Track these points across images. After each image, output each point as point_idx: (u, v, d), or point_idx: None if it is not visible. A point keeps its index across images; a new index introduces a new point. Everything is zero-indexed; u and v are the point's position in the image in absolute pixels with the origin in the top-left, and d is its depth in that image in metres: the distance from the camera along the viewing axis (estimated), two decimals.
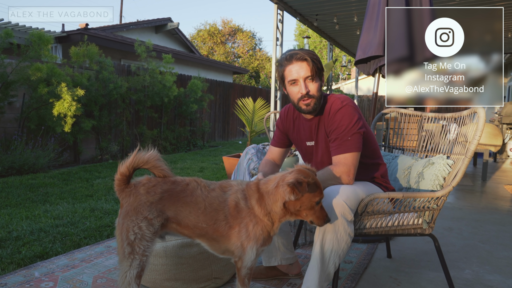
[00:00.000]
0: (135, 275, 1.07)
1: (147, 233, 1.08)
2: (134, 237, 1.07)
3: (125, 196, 1.12)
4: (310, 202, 1.10)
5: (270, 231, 1.16)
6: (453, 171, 1.38)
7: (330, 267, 1.23)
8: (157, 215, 1.09)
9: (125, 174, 1.12)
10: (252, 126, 4.11)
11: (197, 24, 38.62)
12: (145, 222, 1.08)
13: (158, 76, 5.67)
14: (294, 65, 1.30)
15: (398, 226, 1.37)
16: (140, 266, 1.07)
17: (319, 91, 1.33)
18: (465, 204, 3.04)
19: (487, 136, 4.17)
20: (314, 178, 1.11)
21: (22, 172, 3.78)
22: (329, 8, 5.19)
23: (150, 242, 1.09)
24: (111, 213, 2.56)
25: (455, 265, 1.79)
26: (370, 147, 1.40)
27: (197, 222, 1.11)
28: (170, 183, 1.13)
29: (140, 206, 1.09)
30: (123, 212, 1.10)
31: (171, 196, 1.11)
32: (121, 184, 1.12)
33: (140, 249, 1.07)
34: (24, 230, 2.12)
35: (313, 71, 1.30)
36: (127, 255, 1.07)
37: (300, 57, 1.29)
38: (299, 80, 1.31)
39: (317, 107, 1.34)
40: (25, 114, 4.18)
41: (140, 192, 1.11)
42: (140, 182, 1.13)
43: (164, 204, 1.11)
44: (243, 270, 1.14)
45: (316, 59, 1.31)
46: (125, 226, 1.08)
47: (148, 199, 1.10)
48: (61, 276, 1.56)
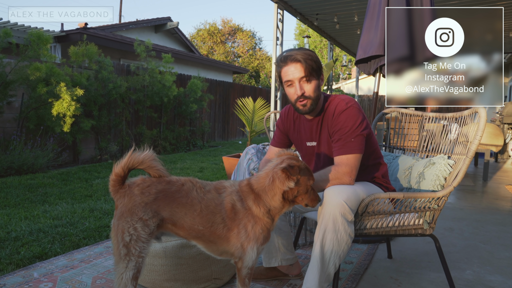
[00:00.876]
0: (131, 277, 1.06)
1: (143, 234, 1.07)
2: (130, 238, 1.06)
3: (119, 197, 1.10)
4: (305, 186, 1.12)
5: (270, 227, 1.16)
6: (454, 171, 1.38)
7: (330, 267, 1.22)
8: (152, 215, 1.08)
9: (120, 175, 1.10)
10: (252, 126, 4.10)
11: (197, 24, 38.67)
12: (140, 223, 1.07)
13: (157, 75, 5.65)
14: (289, 67, 1.31)
15: (398, 227, 1.36)
16: (136, 268, 1.07)
17: (315, 91, 1.32)
18: (466, 205, 3.03)
19: (488, 136, 4.16)
20: (303, 162, 1.15)
21: (21, 172, 3.77)
22: (330, 8, 5.18)
23: (145, 243, 1.08)
24: (111, 213, 2.55)
25: (456, 266, 1.79)
26: (371, 147, 1.40)
27: (193, 224, 1.10)
28: (164, 183, 1.12)
29: (134, 207, 1.08)
30: (118, 214, 1.10)
31: (166, 196, 1.10)
32: (116, 185, 1.11)
33: (136, 250, 1.06)
34: (23, 230, 2.11)
35: (307, 71, 1.29)
36: (123, 257, 1.06)
37: (293, 58, 1.29)
38: (294, 81, 1.31)
39: (314, 108, 1.34)
40: (24, 114, 4.17)
41: (135, 192, 1.09)
42: (134, 183, 1.12)
43: (159, 205, 1.09)
44: (244, 270, 1.14)
45: (311, 59, 1.30)
46: (120, 227, 1.07)
47: (143, 199, 1.08)
48: (60, 276, 1.56)
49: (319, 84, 1.35)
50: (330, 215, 1.19)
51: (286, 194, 1.11)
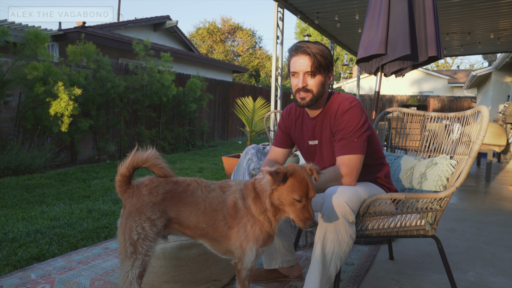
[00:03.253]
0: (137, 275, 1.07)
1: (150, 233, 1.08)
2: (137, 237, 1.08)
3: (127, 197, 1.12)
4: (288, 196, 1.07)
5: (269, 230, 1.14)
6: (456, 172, 1.37)
7: (331, 269, 1.21)
8: (160, 215, 1.10)
9: (125, 175, 1.12)
10: (252, 126, 4.08)
11: (196, 22, 38.56)
12: (148, 222, 1.08)
13: (156, 75, 5.62)
14: (298, 58, 1.30)
15: (400, 228, 1.35)
16: (142, 266, 1.08)
17: (318, 87, 1.30)
18: (468, 205, 3.01)
19: (491, 136, 4.14)
20: (302, 175, 1.07)
21: (18, 172, 3.75)
22: (330, 6, 5.15)
23: (153, 242, 1.09)
24: (109, 214, 2.53)
25: (458, 267, 1.78)
26: (373, 147, 1.39)
27: (198, 223, 1.12)
28: (172, 183, 1.14)
29: (143, 206, 1.09)
30: (126, 213, 1.11)
31: (173, 196, 1.12)
32: (122, 185, 1.13)
33: (143, 249, 1.07)
34: (20, 231, 2.10)
35: (314, 66, 1.28)
36: (129, 255, 1.07)
37: (304, 50, 1.28)
38: (299, 73, 1.31)
39: (313, 103, 1.32)
40: (22, 113, 4.14)
41: (143, 192, 1.11)
42: (142, 183, 1.14)
43: (167, 205, 1.11)
44: (243, 272, 1.14)
45: (321, 54, 1.28)
46: (128, 226, 1.08)
47: (151, 199, 1.10)
48: (57, 278, 1.55)
49: (325, 81, 1.33)
50: (331, 216, 1.18)
51: (271, 197, 1.09)
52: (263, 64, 19.84)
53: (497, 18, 5.33)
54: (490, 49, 7.66)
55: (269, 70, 18.37)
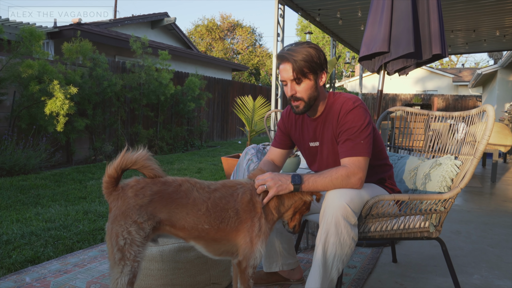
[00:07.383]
0: (126, 282, 1.03)
1: (137, 237, 1.04)
2: (124, 242, 1.03)
3: (113, 199, 1.07)
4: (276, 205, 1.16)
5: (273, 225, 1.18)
6: (461, 172, 1.34)
7: (333, 272, 1.18)
8: (147, 218, 1.05)
9: (113, 176, 1.07)
10: (252, 126, 4.04)
11: (195, 19, 38.47)
12: (135, 226, 1.04)
13: (154, 73, 5.57)
14: (282, 66, 1.25)
15: (404, 230, 1.33)
16: (131, 272, 1.04)
17: (308, 92, 1.25)
18: (473, 207, 2.98)
19: (496, 136, 4.10)
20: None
21: (12, 173, 3.69)
22: (332, 3, 5.09)
23: (141, 247, 1.05)
24: (105, 216, 2.50)
25: (463, 270, 1.75)
26: (377, 148, 1.36)
27: (197, 224, 1.08)
28: (160, 184, 1.09)
29: (128, 209, 1.05)
30: (111, 217, 1.06)
31: (162, 198, 1.07)
32: (109, 187, 1.08)
33: (131, 254, 1.03)
34: (14, 233, 2.06)
35: (295, 73, 1.22)
36: (117, 261, 1.03)
37: (283, 57, 1.24)
38: (287, 81, 1.27)
39: (308, 109, 1.29)
40: (16, 112, 4.08)
41: (128, 195, 1.06)
42: (128, 185, 1.09)
43: (155, 207, 1.07)
44: (249, 270, 1.13)
45: (302, 59, 1.21)
46: (114, 231, 1.04)
47: (137, 202, 1.05)
48: (53, 281, 1.52)
49: (316, 84, 1.27)
50: (333, 218, 1.15)
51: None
52: (263, 62, 19.74)
53: (503, 15, 5.26)
54: (495, 47, 7.56)
55: (270, 68, 18.29)
